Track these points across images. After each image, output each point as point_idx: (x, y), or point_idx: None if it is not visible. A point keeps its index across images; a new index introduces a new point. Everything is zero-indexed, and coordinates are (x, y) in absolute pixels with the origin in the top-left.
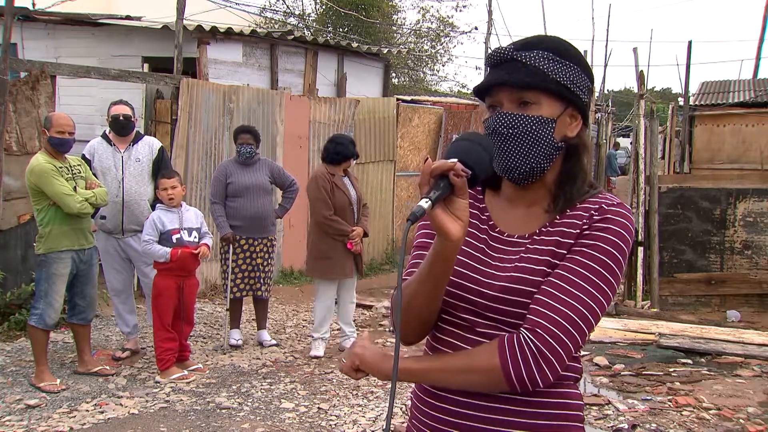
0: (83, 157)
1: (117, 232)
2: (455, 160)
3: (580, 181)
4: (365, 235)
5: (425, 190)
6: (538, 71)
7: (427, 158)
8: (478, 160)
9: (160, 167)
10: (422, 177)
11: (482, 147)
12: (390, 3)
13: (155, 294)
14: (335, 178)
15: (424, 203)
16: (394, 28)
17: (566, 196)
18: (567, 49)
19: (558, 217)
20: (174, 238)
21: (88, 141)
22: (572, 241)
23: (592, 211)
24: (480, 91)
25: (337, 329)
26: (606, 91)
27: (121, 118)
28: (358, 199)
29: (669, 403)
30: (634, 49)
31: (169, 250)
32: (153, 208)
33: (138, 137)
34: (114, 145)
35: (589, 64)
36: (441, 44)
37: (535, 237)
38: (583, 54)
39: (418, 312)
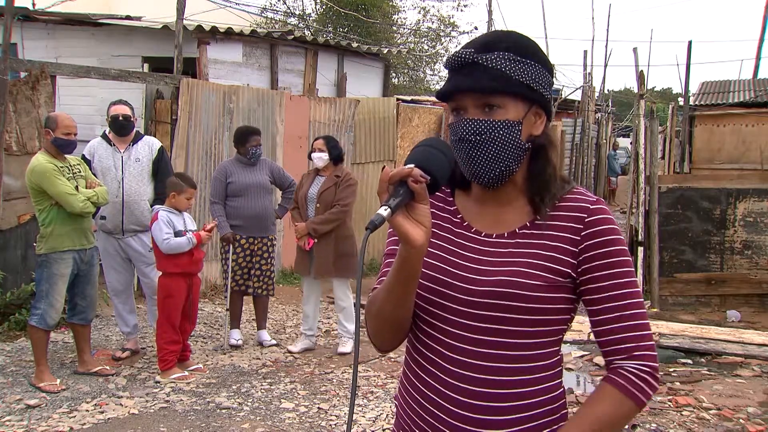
0: (83, 157)
1: (117, 233)
2: (412, 165)
3: (550, 176)
4: (313, 236)
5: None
6: (501, 74)
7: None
8: (437, 164)
9: (160, 167)
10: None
11: (441, 151)
12: (390, 3)
13: (165, 295)
14: (305, 175)
15: (383, 211)
16: (394, 28)
17: (542, 194)
18: (527, 47)
19: (539, 216)
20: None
21: (88, 141)
22: (572, 248)
23: (581, 213)
24: (443, 95)
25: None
26: (606, 91)
27: (120, 118)
28: (320, 198)
29: (669, 403)
30: (634, 49)
31: (191, 235)
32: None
33: (138, 137)
34: (114, 145)
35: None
36: (441, 44)
37: (517, 236)
38: (540, 47)
39: (389, 319)
